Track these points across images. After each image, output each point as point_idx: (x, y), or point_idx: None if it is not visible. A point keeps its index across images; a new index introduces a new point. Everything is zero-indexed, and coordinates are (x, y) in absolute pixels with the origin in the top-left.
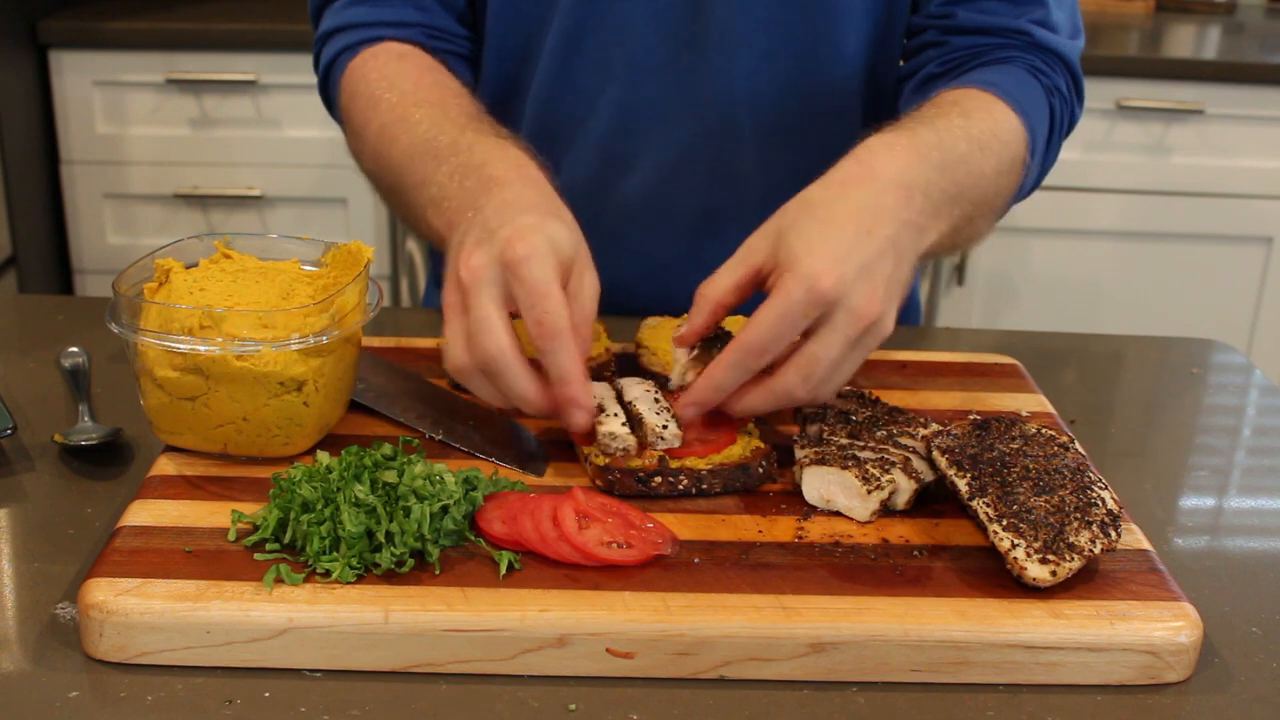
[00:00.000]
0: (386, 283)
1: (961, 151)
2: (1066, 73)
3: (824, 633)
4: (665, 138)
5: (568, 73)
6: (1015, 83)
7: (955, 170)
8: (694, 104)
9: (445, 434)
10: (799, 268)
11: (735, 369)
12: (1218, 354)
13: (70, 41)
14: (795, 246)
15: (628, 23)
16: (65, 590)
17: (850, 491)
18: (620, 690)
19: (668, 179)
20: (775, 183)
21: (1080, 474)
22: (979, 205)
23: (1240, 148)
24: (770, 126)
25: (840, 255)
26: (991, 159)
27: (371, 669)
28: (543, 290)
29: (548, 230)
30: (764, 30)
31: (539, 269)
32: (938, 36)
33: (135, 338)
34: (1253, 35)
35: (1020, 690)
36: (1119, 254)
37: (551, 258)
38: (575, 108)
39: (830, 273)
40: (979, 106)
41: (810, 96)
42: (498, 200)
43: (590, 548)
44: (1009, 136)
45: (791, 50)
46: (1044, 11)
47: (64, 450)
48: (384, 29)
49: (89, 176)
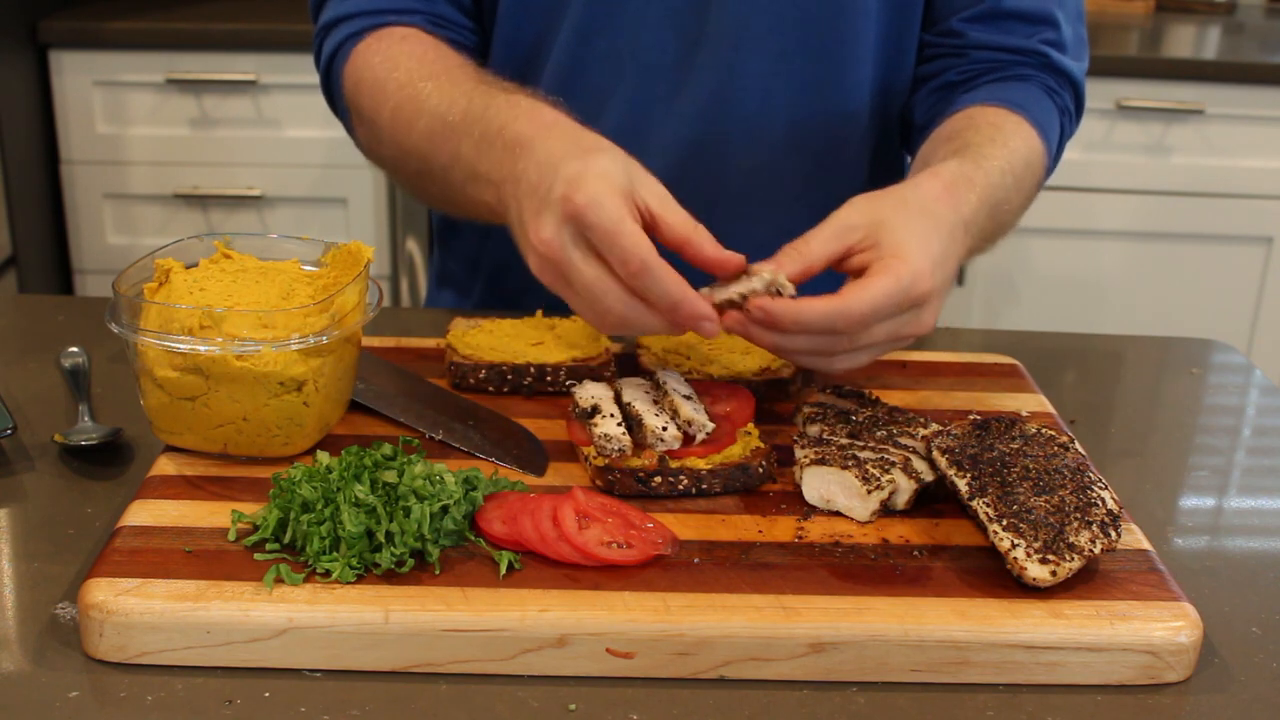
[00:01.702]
0: (386, 283)
1: (1003, 195)
2: (1073, 92)
3: (824, 633)
4: (675, 136)
5: (579, 69)
6: (1038, 106)
7: (996, 212)
8: (704, 103)
9: (445, 434)
10: (911, 261)
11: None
12: (1218, 354)
13: (70, 41)
14: (905, 240)
15: (640, 20)
16: (65, 590)
17: (850, 491)
18: (620, 690)
19: (677, 178)
20: (785, 183)
21: (1080, 474)
22: (994, 238)
23: (1240, 148)
24: (780, 126)
25: (938, 262)
26: (1022, 196)
27: (371, 669)
28: (614, 229)
29: (595, 169)
30: (777, 30)
31: (604, 212)
32: (955, 49)
33: (135, 338)
34: (1253, 35)
35: (1020, 690)
36: (1119, 254)
37: (611, 195)
38: (586, 104)
39: (931, 275)
40: (1017, 133)
41: (821, 97)
42: (533, 162)
43: (590, 548)
44: (1036, 165)
45: (804, 50)
46: (1057, 32)
47: (64, 450)
48: (387, 16)
49: (89, 176)
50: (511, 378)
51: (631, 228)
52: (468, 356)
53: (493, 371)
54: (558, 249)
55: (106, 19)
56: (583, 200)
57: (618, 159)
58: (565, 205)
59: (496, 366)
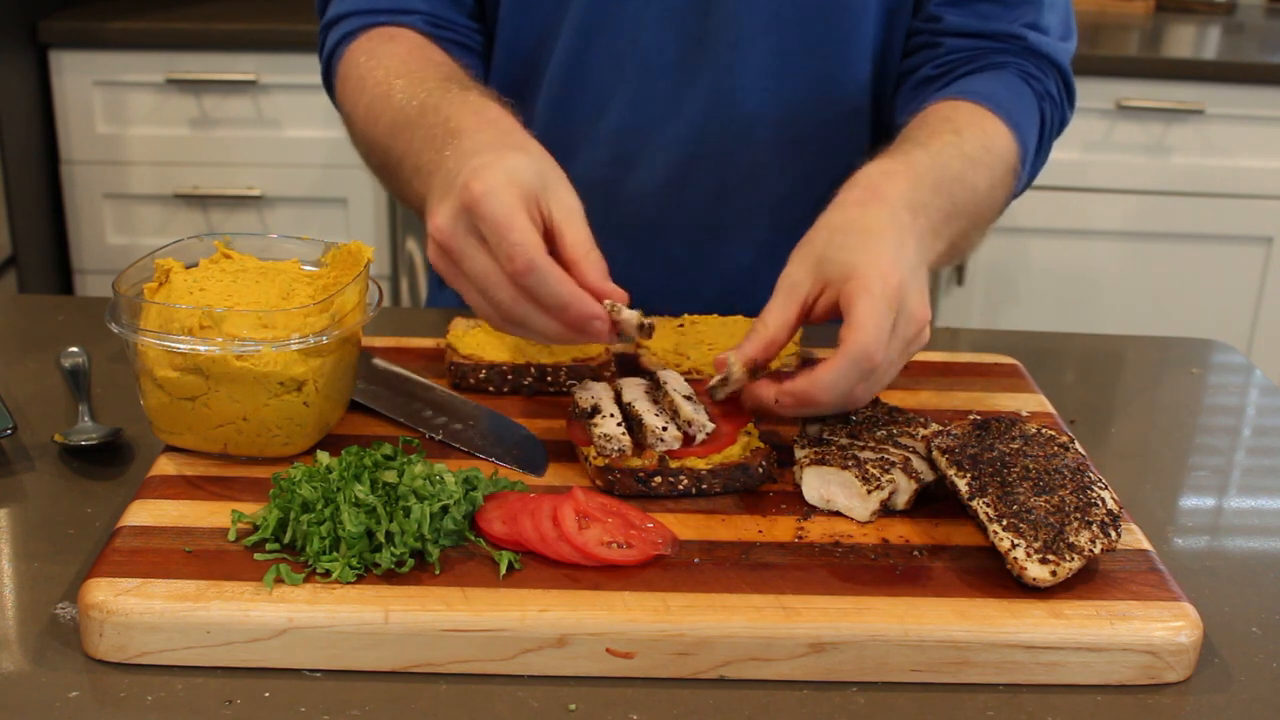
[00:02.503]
0: (386, 283)
1: (955, 170)
2: (1058, 76)
3: (824, 633)
4: (676, 135)
5: (580, 70)
6: (1007, 92)
7: (951, 189)
8: (704, 102)
9: (445, 434)
10: (864, 272)
11: (851, 370)
12: (1218, 354)
13: (70, 41)
14: (847, 260)
15: (640, 20)
16: (65, 590)
17: (850, 491)
18: (620, 690)
19: (678, 177)
20: (786, 182)
21: (1080, 474)
22: (974, 220)
23: (1240, 148)
24: (780, 125)
25: (891, 260)
26: (985, 174)
27: (371, 669)
28: (504, 223)
29: (504, 164)
30: (775, 28)
31: (497, 203)
32: (931, 39)
33: (135, 338)
34: (1253, 35)
35: (1020, 690)
36: (1119, 254)
37: (509, 190)
38: (587, 105)
39: (893, 273)
40: (971, 122)
41: (820, 95)
42: (457, 152)
43: (591, 548)
44: (1001, 149)
45: (802, 48)
46: (1036, 14)
47: (64, 450)
48: (381, 15)
49: (89, 176)
50: (511, 378)
51: (523, 224)
52: (468, 356)
53: (493, 371)
54: (449, 236)
55: (106, 19)
56: (479, 189)
57: (535, 161)
58: (463, 194)
59: (496, 366)
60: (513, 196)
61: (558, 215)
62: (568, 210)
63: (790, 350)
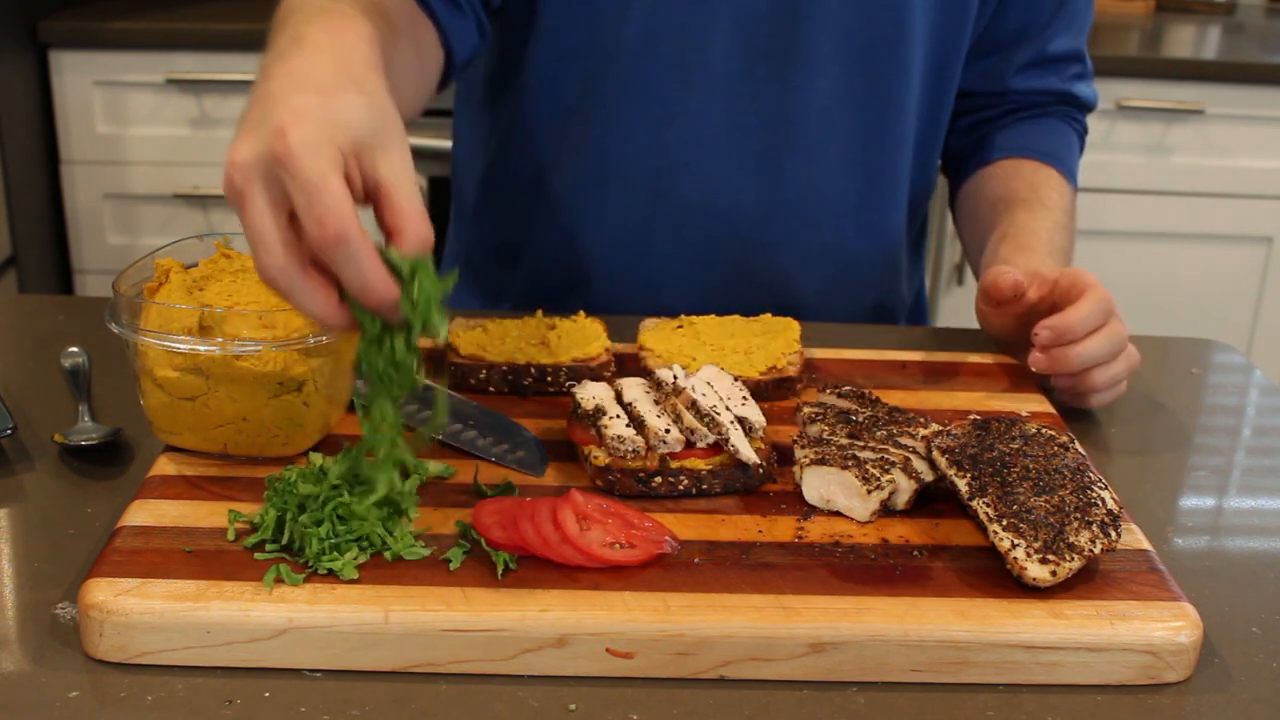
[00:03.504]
0: None
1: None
2: (1086, 113)
3: (824, 633)
4: (737, 146)
5: (643, 76)
6: (1063, 144)
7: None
8: (766, 116)
9: (445, 434)
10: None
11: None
12: (1218, 354)
13: (70, 41)
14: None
15: (708, 32)
16: (65, 590)
17: (850, 491)
18: (620, 690)
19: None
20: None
21: (1080, 474)
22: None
23: (1240, 148)
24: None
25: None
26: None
27: (371, 669)
28: (316, 184)
29: (330, 108)
30: (843, 52)
31: (310, 161)
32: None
33: (135, 338)
34: (1253, 35)
35: (1020, 690)
36: (1119, 254)
37: (328, 146)
38: (648, 112)
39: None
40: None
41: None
42: (283, 72)
43: (594, 549)
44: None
45: (864, 73)
46: (1083, 65)
47: (64, 450)
48: None
49: (89, 176)
50: (511, 378)
51: (337, 186)
52: (468, 356)
53: (493, 371)
54: (244, 180)
55: (106, 19)
56: (295, 141)
57: (370, 106)
58: (276, 141)
59: (496, 366)
60: (330, 154)
61: (385, 174)
62: (397, 169)
63: (791, 350)
